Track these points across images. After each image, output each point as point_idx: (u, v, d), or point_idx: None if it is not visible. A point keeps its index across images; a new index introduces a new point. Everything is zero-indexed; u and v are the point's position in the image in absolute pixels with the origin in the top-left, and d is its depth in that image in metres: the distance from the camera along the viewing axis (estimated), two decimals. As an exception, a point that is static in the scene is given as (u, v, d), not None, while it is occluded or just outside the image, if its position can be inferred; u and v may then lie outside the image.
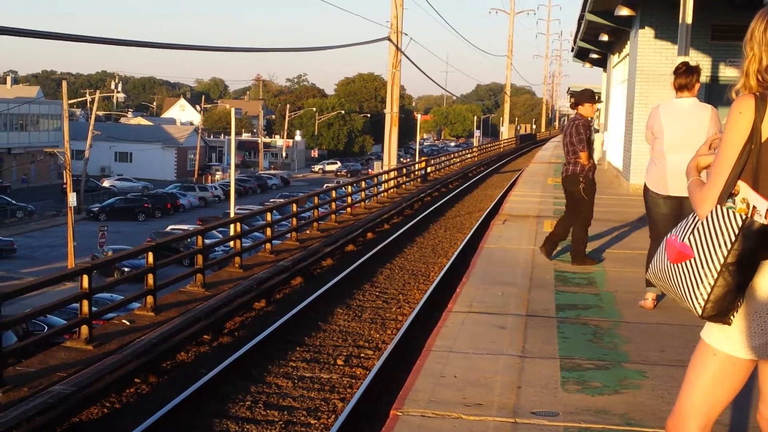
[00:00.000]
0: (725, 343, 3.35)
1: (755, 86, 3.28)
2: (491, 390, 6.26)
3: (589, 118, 11.22)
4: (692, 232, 3.32)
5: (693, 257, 3.28)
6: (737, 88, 3.35)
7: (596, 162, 11.55)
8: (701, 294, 3.24)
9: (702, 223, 3.29)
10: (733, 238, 3.18)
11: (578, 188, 11.13)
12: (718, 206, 3.26)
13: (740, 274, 3.20)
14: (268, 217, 20.19)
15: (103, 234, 43.42)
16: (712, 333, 3.39)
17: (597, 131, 11.28)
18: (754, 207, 3.23)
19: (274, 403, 10.42)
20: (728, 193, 3.28)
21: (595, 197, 11.39)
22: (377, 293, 16.66)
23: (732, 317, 3.27)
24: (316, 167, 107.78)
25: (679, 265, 3.33)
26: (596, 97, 11.26)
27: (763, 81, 3.26)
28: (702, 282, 3.23)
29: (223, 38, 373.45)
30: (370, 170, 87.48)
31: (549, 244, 11.60)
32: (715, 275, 3.20)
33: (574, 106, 11.31)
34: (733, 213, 3.21)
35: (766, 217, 3.21)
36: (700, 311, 3.26)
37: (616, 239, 13.90)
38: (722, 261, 3.19)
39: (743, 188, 3.27)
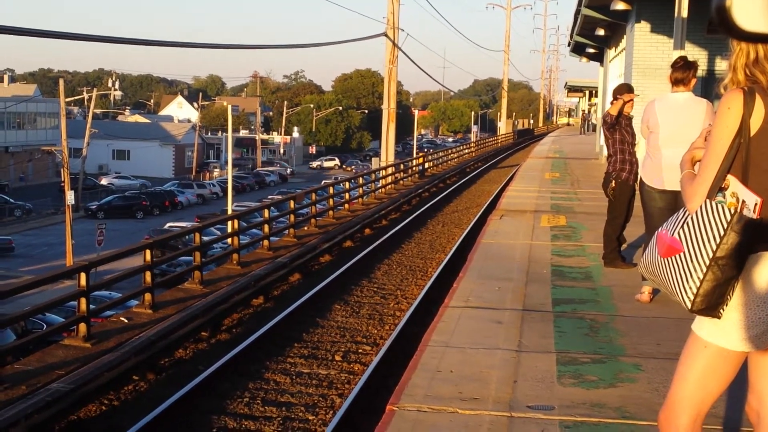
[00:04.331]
0: (716, 335, 3.37)
1: (743, 80, 3.29)
2: (487, 384, 6.28)
3: (615, 114, 10.55)
4: (682, 226, 3.33)
5: (683, 251, 3.29)
6: (725, 82, 3.36)
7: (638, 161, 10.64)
8: (691, 288, 3.25)
9: (692, 218, 3.30)
10: (723, 233, 3.19)
11: (606, 189, 10.72)
12: (708, 200, 3.27)
13: (729, 268, 3.21)
14: (266, 213, 20.21)
15: (101, 232, 43.21)
16: (703, 326, 3.41)
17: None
18: (743, 201, 3.24)
19: (272, 399, 10.45)
20: (718, 188, 3.29)
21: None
22: (375, 289, 16.68)
23: (722, 311, 3.28)
24: (314, 164, 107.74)
25: (670, 259, 3.35)
26: (621, 90, 10.69)
27: (751, 75, 3.27)
28: (691, 276, 3.25)
29: (221, 35, 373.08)
30: (347, 167, 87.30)
31: (609, 254, 10.84)
32: (705, 269, 3.22)
33: None
34: (723, 207, 3.22)
35: (754, 212, 3.23)
36: (689, 305, 3.28)
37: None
38: (711, 255, 3.20)
39: (733, 182, 3.28)
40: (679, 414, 3.49)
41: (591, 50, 38.74)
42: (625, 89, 10.70)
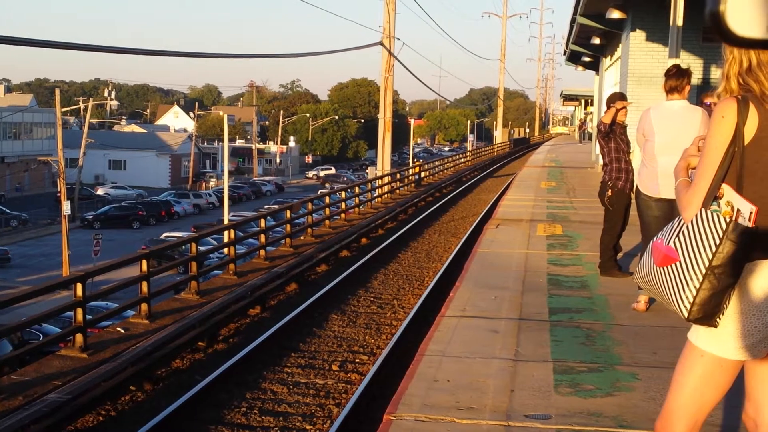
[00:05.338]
0: (712, 344, 3.38)
1: (736, 89, 3.30)
2: (484, 393, 6.28)
3: (609, 122, 10.53)
4: (677, 235, 3.34)
5: (679, 260, 3.30)
6: (719, 91, 3.37)
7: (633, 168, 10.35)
8: (687, 297, 3.26)
9: (687, 227, 3.31)
10: (718, 242, 3.19)
11: (603, 198, 10.67)
12: (703, 209, 3.28)
13: (725, 276, 3.22)
14: (262, 223, 20.22)
15: (97, 242, 43.24)
16: (699, 334, 3.42)
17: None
18: (738, 210, 3.25)
19: (269, 409, 10.43)
20: (713, 197, 3.30)
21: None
22: (372, 298, 16.68)
23: (718, 319, 3.29)
24: (311, 173, 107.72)
25: (666, 268, 3.35)
26: (614, 98, 10.71)
27: (744, 84, 3.28)
28: (687, 285, 3.25)
29: (216, 45, 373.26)
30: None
31: (606, 263, 10.83)
32: (701, 278, 3.22)
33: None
34: (718, 216, 3.23)
35: (750, 220, 3.23)
36: (686, 314, 3.28)
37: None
38: (707, 264, 3.21)
39: (727, 191, 3.29)
40: (675, 423, 3.49)
41: (586, 59, 38.86)
42: (617, 97, 10.74)
